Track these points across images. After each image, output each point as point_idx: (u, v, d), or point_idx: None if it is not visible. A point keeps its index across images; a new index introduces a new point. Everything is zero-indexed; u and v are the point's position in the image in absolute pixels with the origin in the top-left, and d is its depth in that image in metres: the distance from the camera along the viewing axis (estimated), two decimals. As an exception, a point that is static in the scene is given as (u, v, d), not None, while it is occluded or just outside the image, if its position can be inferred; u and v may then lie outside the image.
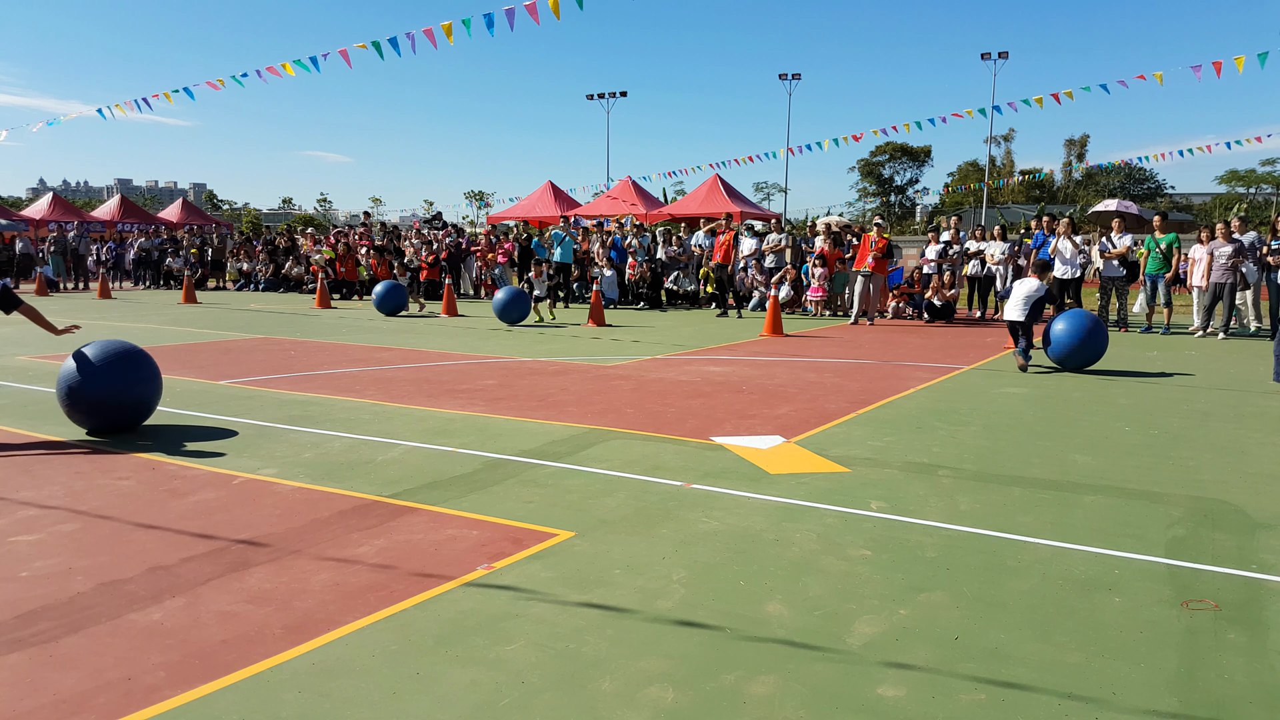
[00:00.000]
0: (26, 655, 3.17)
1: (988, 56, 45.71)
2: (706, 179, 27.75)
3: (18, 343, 12.41)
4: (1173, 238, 14.69)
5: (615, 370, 10.00)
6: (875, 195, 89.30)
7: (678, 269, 19.57)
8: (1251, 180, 74.98)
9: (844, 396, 8.30)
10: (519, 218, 29.43)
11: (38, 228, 31.83)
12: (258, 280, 25.42)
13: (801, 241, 19.49)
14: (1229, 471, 5.72)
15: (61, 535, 4.42)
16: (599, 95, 49.32)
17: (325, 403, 7.90)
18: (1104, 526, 4.60)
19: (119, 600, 3.64)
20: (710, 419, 7.23)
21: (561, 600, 3.64)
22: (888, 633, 3.36)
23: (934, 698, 2.88)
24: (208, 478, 5.46)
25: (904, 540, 4.37)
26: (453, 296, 17.50)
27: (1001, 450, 6.24)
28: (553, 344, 12.54)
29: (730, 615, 3.51)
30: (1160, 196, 79.06)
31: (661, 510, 4.82)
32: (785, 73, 53.10)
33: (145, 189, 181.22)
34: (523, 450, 6.14)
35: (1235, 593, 3.76)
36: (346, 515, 4.73)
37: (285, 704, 2.83)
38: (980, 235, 17.12)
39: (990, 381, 9.34)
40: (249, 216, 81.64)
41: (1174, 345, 12.79)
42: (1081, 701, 2.86)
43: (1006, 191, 77.27)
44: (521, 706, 2.82)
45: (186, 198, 52.11)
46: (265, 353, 11.50)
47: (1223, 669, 3.09)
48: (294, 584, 3.80)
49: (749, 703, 2.85)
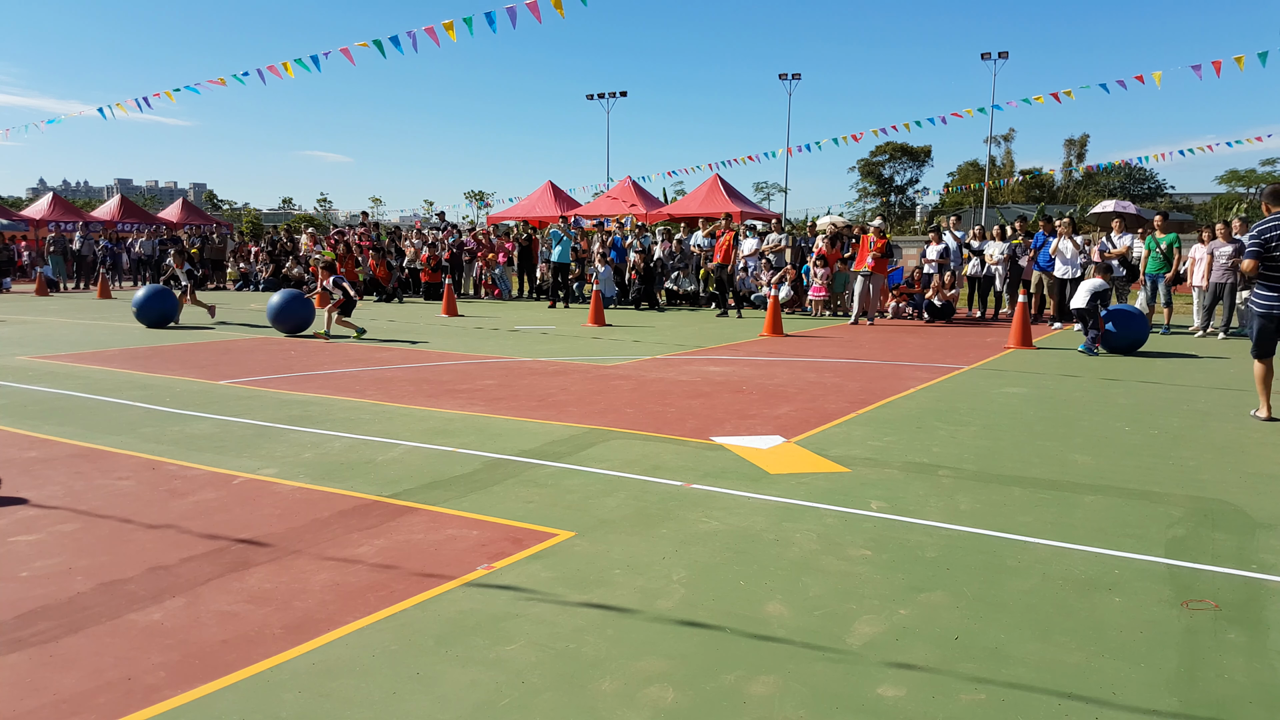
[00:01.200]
0: (26, 655, 3.17)
1: (988, 56, 45.69)
2: (706, 179, 27.72)
3: (18, 343, 12.41)
4: (1173, 238, 14.69)
5: (615, 370, 10.00)
6: (875, 195, 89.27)
7: (678, 269, 19.58)
8: (1251, 180, 74.93)
9: (844, 396, 8.30)
10: (519, 218, 29.42)
11: (38, 228, 31.82)
12: (258, 280, 25.43)
13: (801, 241, 19.49)
14: (1229, 471, 5.72)
15: (61, 535, 4.42)
16: (599, 95, 49.30)
17: (325, 403, 7.90)
18: (1104, 526, 4.60)
19: (119, 600, 3.64)
20: (710, 419, 7.23)
21: (561, 600, 3.64)
22: (888, 633, 3.36)
23: (934, 698, 2.88)
24: (208, 478, 5.46)
25: (904, 540, 4.37)
26: (453, 296, 17.49)
27: (1001, 450, 6.24)
28: (553, 344, 12.54)
29: (730, 615, 3.51)
30: (1160, 196, 79.03)
31: (661, 510, 4.82)
32: (785, 73, 53.08)
33: (145, 189, 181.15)
34: (523, 450, 6.14)
35: (1235, 593, 3.76)
36: (346, 515, 4.73)
37: (285, 704, 2.83)
38: (981, 235, 17.12)
39: (990, 381, 9.34)
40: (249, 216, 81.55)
41: (1174, 345, 12.79)
42: (1081, 701, 2.86)
43: (1006, 191, 77.23)
44: (521, 706, 2.82)
45: (186, 198, 52.02)
46: (265, 353, 11.50)
47: (1223, 669, 3.09)
48: (294, 584, 3.80)
49: (749, 703, 2.84)
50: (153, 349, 11.77)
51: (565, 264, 19.43)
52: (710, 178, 27.50)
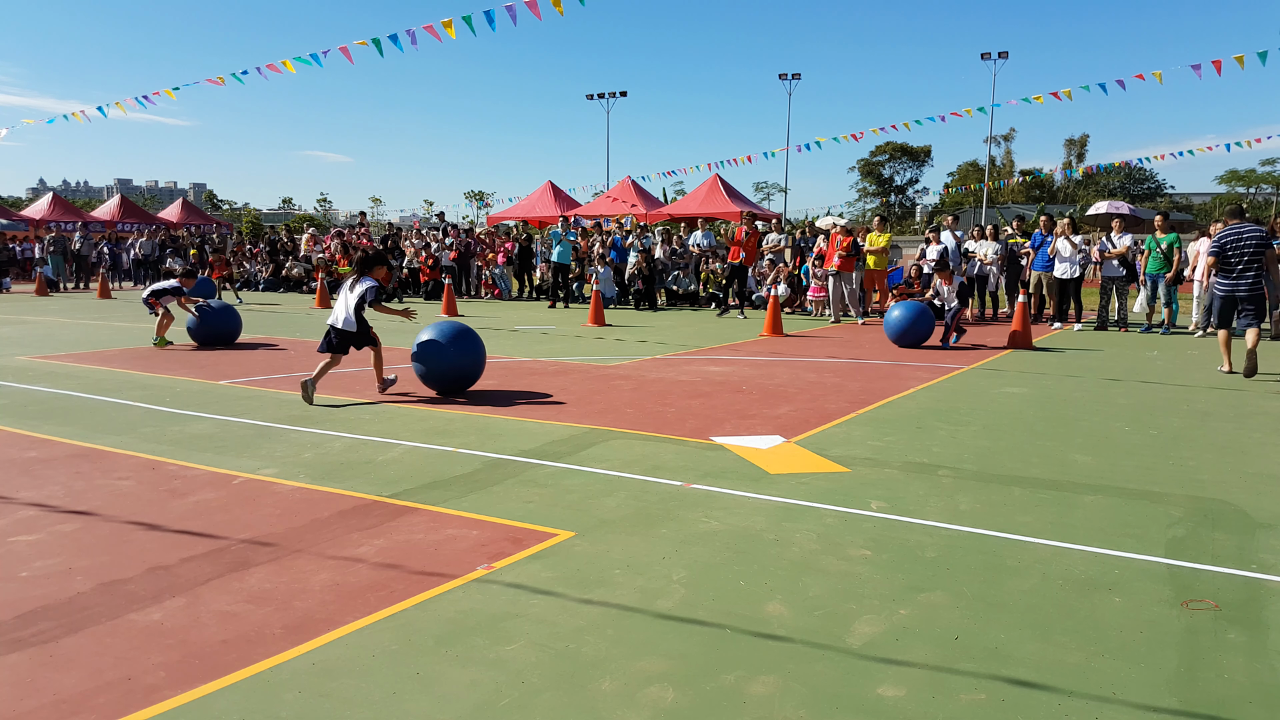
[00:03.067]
0: (26, 655, 3.17)
1: (988, 56, 45.73)
2: (706, 179, 27.75)
3: (18, 343, 12.41)
4: (1173, 238, 14.69)
5: (615, 370, 10.00)
6: (875, 195, 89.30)
7: (677, 269, 19.57)
8: (1251, 180, 74.98)
9: (844, 396, 8.30)
10: (519, 218, 29.44)
11: (37, 228, 31.82)
12: (258, 280, 25.43)
13: (801, 241, 19.50)
14: (1229, 471, 5.72)
15: (61, 535, 4.42)
16: (599, 95, 49.31)
17: (325, 403, 7.90)
18: (1104, 526, 4.60)
19: (119, 600, 3.64)
20: (710, 419, 7.23)
21: (561, 600, 3.64)
22: (888, 633, 3.36)
23: (934, 698, 2.88)
24: (208, 478, 5.46)
25: (904, 540, 4.37)
26: (453, 296, 17.50)
27: (1001, 450, 6.25)
28: (553, 344, 12.54)
29: (730, 615, 3.51)
30: (1160, 196, 79.07)
31: (661, 510, 4.82)
32: (785, 73, 53.14)
33: (145, 189, 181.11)
34: (523, 450, 6.14)
35: (1235, 593, 3.76)
36: (346, 515, 4.73)
37: (285, 704, 2.83)
38: (980, 234, 17.13)
39: (990, 381, 9.34)
40: (249, 216, 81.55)
41: (1174, 345, 12.79)
42: (1081, 701, 2.86)
43: (1006, 192, 77.24)
44: (521, 706, 2.82)
45: (186, 198, 52.10)
46: (265, 353, 11.50)
47: (1223, 669, 3.09)
48: (294, 584, 3.80)
49: (749, 703, 2.84)
50: (153, 349, 11.77)
51: (565, 264, 19.43)
52: (710, 178, 27.53)
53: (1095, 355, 11.55)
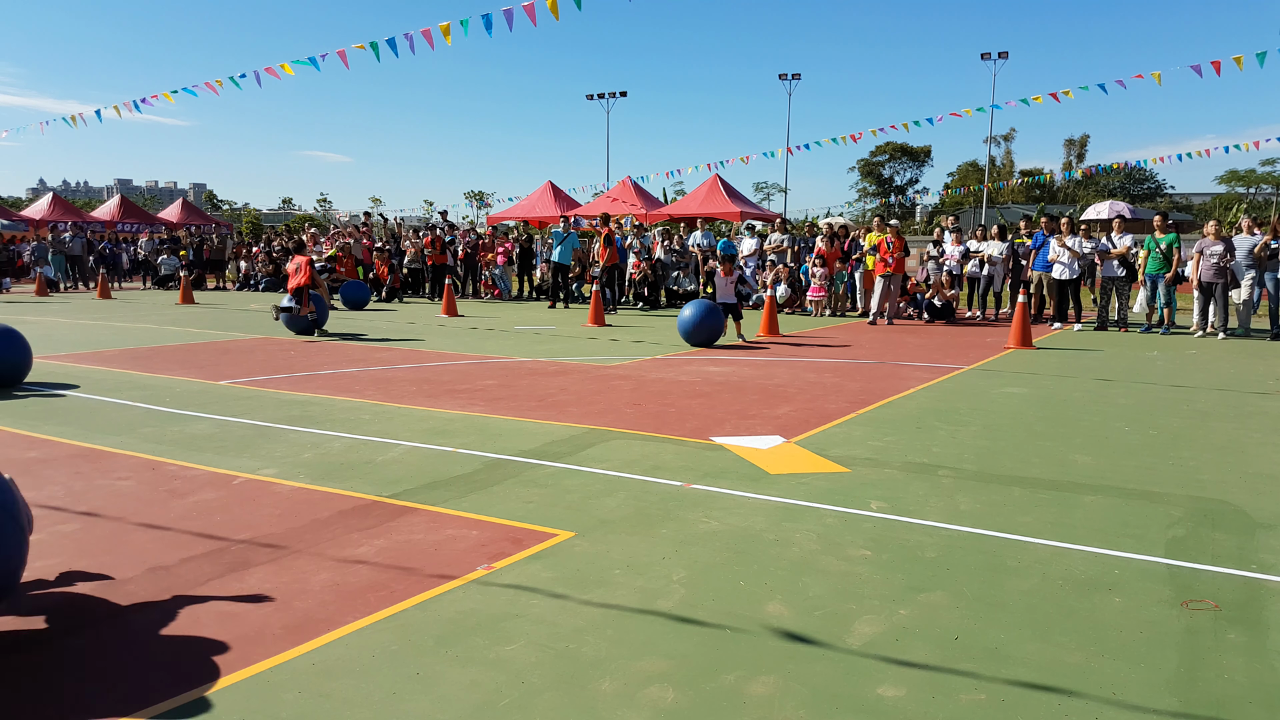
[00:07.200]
0: (26, 656, 3.17)
1: (988, 56, 45.76)
2: (706, 179, 27.72)
3: (18, 343, 12.40)
4: (1173, 238, 14.67)
5: (615, 370, 10.00)
6: (875, 195, 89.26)
7: (678, 269, 19.57)
8: (1251, 180, 74.92)
9: (844, 396, 8.30)
10: (519, 218, 29.42)
11: (38, 228, 31.80)
12: (258, 280, 25.42)
13: (801, 242, 19.49)
14: (1229, 471, 5.72)
15: (61, 535, 4.42)
16: (599, 95, 49.32)
17: (325, 403, 7.90)
18: (1104, 526, 4.60)
19: (119, 600, 3.64)
20: (710, 419, 7.23)
21: (561, 600, 3.64)
22: (888, 633, 3.36)
23: (934, 698, 2.88)
24: (208, 478, 5.46)
25: (904, 540, 4.37)
26: (452, 296, 17.49)
27: (1001, 450, 6.24)
28: (553, 344, 12.54)
29: (730, 615, 3.51)
30: (1160, 196, 79.03)
31: (661, 510, 4.82)
32: (785, 73, 53.18)
33: (145, 189, 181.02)
34: (523, 450, 6.14)
35: (1235, 593, 3.76)
36: (346, 515, 4.73)
37: (285, 704, 2.83)
38: (981, 235, 17.13)
39: (990, 381, 9.34)
40: (249, 216, 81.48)
41: (1174, 345, 12.79)
42: (1081, 701, 2.86)
43: (1006, 192, 77.23)
44: (521, 706, 2.82)
45: (186, 198, 52.09)
46: (265, 353, 11.50)
47: (1223, 669, 3.09)
48: (294, 584, 3.80)
49: (749, 703, 2.84)
50: (153, 349, 11.77)
51: (565, 264, 19.42)
52: (710, 178, 27.51)
53: (1095, 355, 11.55)
